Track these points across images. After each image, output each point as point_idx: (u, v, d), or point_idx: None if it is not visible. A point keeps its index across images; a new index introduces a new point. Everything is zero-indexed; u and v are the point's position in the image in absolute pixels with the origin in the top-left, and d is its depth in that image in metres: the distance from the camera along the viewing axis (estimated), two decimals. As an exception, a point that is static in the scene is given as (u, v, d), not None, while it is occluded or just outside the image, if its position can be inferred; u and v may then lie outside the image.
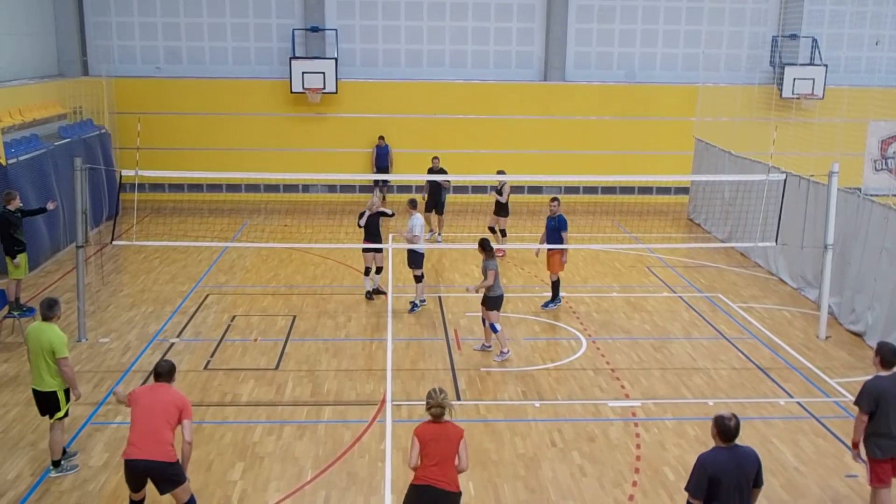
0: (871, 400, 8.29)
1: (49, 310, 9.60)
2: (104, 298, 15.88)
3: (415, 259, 15.43)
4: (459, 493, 7.67)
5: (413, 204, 15.86)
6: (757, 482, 7.02)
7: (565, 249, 15.32)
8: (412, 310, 15.35)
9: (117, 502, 9.03)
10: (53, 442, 9.66)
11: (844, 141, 21.38)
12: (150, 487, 8.14)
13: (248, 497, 9.25)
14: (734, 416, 6.97)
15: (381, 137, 24.25)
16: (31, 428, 10.54)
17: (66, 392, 9.61)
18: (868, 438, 8.43)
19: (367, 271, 15.97)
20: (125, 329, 14.31)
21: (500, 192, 19.12)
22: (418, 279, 15.52)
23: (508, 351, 13.19)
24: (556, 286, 15.65)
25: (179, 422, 8.04)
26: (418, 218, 15.46)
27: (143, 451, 7.87)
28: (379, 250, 15.83)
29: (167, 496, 8.22)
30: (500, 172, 19.08)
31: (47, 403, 9.58)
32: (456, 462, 7.62)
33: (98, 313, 14.93)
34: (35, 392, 9.62)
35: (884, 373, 8.40)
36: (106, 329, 14.26)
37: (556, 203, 15.44)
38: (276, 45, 25.06)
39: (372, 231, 15.66)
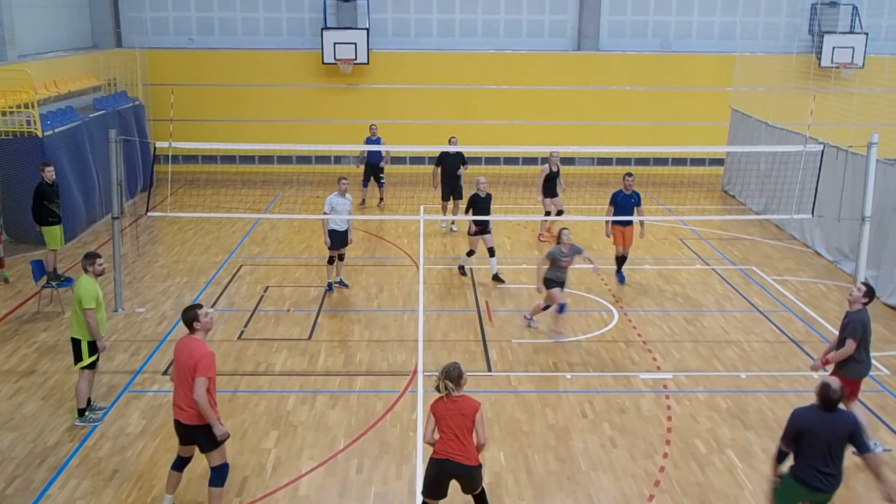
0: (859, 330, 9.27)
1: (85, 261, 10.08)
2: (140, 269, 16.10)
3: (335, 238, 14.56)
4: (478, 466, 7.65)
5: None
6: (860, 448, 7.33)
7: (609, 223, 15.37)
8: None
9: (154, 469, 9.21)
10: (77, 390, 10.13)
11: (885, 111, 20.97)
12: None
13: (281, 464, 9.39)
14: (841, 389, 7.28)
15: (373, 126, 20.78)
16: (70, 395, 10.72)
17: (90, 344, 9.93)
18: (850, 363, 9.41)
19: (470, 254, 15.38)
20: (160, 299, 14.50)
21: (556, 169, 17.61)
22: (332, 259, 14.78)
23: (535, 322, 13.23)
24: (620, 261, 15.66)
25: None
26: (330, 198, 14.49)
27: (176, 412, 8.07)
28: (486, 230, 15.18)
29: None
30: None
31: (74, 350, 10.03)
32: (473, 437, 7.58)
33: (134, 283, 15.15)
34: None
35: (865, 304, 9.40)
36: (142, 299, 14.46)
37: (630, 178, 15.36)
38: (307, 15, 25.01)
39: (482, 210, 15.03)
